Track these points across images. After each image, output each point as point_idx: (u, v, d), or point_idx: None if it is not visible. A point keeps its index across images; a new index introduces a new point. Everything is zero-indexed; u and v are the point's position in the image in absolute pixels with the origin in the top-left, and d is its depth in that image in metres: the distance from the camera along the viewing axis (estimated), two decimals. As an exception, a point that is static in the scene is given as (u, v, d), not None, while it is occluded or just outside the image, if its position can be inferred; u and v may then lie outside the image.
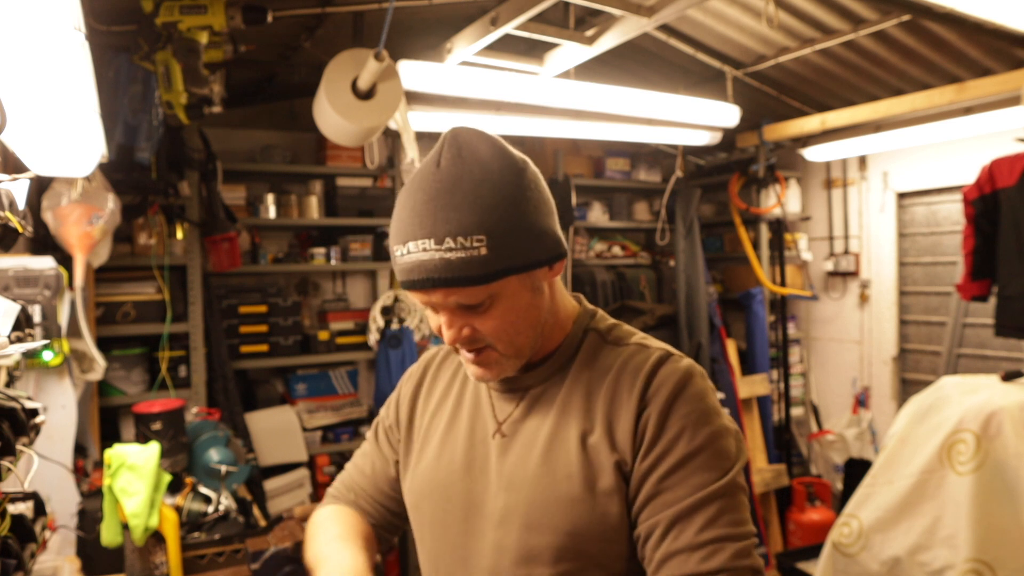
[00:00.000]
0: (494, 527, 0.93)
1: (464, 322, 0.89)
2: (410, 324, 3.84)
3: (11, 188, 1.10)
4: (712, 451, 0.86)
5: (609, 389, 0.92)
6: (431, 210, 0.84)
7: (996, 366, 3.58)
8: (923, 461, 2.47)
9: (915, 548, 2.44)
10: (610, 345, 0.97)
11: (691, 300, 4.41)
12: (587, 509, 0.87)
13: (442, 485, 0.99)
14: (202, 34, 2.25)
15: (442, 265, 0.83)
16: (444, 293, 0.85)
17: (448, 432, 1.03)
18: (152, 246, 3.22)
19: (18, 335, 1.18)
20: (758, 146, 4.25)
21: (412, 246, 0.84)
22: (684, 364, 0.92)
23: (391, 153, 3.88)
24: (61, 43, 1.02)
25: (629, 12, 2.59)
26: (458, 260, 0.82)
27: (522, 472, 0.92)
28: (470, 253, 0.82)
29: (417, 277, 0.85)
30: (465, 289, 0.85)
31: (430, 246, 0.83)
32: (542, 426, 0.94)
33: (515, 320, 0.90)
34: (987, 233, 3.03)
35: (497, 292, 0.87)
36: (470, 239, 0.82)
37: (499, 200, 0.84)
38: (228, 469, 2.41)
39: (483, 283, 0.84)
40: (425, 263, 0.84)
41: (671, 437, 0.86)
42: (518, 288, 0.89)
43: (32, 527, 1.20)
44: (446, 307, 0.89)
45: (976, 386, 2.55)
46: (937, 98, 3.31)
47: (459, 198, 0.83)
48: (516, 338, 0.91)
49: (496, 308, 0.88)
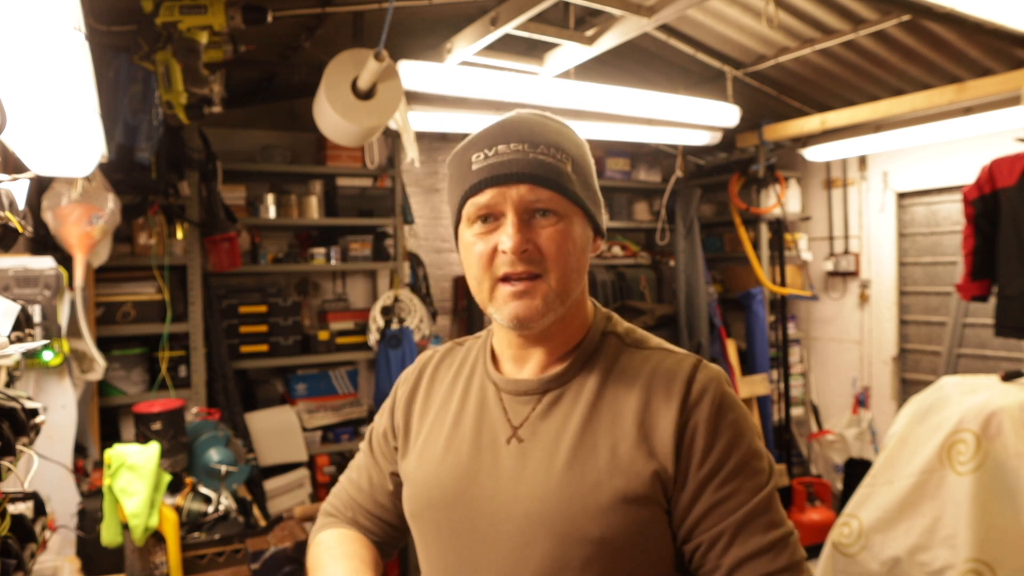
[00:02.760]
0: (512, 536, 0.88)
1: (529, 234, 0.88)
2: (410, 324, 3.83)
3: (11, 188, 1.10)
4: (756, 454, 0.89)
5: (642, 395, 0.89)
6: (526, 127, 0.91)
7: (996, 366, 3.58)
8: (923, 461, 2.47)
9: (915, 548, 2.44)
10: (631, 348, 0.95)
11: (691, 300, 4.41)
12: (619, 518, 0.85)
13: (448, 493, 0.95)
14: (202, 34, 2.25)
15: (535, 163, 0.87)
16: (531, 190, 0.87)
17: (452, 437, 0.98)
18: (152, 246, 3.22)
19: (18, 335, 1.18)
20: (758, 146, 4.25)
21: (503, 147, 0.88)
22: (717, 370, 0.92)
23: (391, 153, 3.88)
24: (61, 43, 1.02)
25: (629, 12, 2.59)
26: (551, 164, 0.88)
27: (545, 479, 0.88)
28: (561, 164, 0.89)
29: (508, 171, 0.87)
30: (550, 192, 0.88)
31: (524, 148, 0.88)
32: (564, 431, 0.90)
33: (573, 251, 0.90)
34: (987, 233, 3.03)
35: (569, 215, 0.90)
36: (561, 152, 0.89)
37: (577, 145, 0.93)
38: (228, 469, 2.41)
39: (567, 195, 0.89)
40: (518, 160, 0.87)
41: (724, 446, 0.87)
42: (581, 226, 0.92)
43: (32, 527, 1.20)
44: (523, 210, 0.88)
45: (976, 386, 2.55)
46: (937, 98, 3.31)
47: (547, 126, 0.92)
48: (568, 274, 0.89)
49: (564, 229, 0.89)
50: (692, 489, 0.86)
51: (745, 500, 0.86)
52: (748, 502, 0.86)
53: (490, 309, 0.92)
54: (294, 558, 2.07)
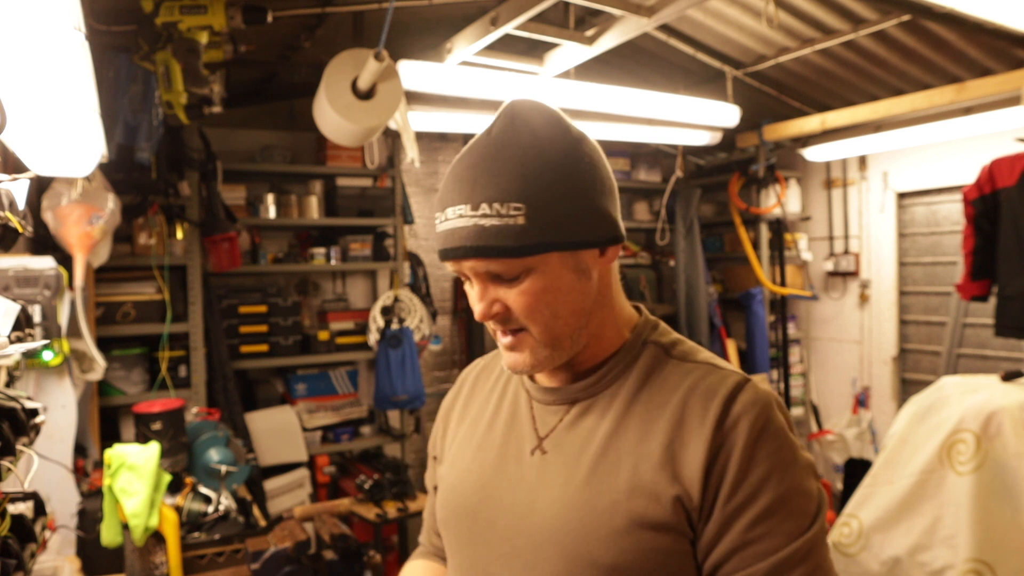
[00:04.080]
0: (525, 552, 0.84)
1: (496, 296, 0.82)
2: (410, 324, 3.83)
3: (11, 188, 1.10)
4: (801, 493, 0.79)
5: (675, 412, 0.82)
6: (472, 176, 0.80)
7: (996, 366, 3.58)
8: (923, 461, 2.47)
9: (915, 548, 2.44)
10: (675, 360, 0.87)
11: (691, 300, 4.41)
12: (633, 544, 0.78)
13: (470, 501, 0.91)
14: (202, 34, 2.25)
15: (475, 232, 0.78)
16: (475, 263, 0.80)
17: (481, 444, 0.94)
18: (152, 246, 3.22)
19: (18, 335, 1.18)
20: (758, 146, 4.25)
21: (450, 212, 0.80)
22: (763, 393, 0.82)
23: (391, 153, 3.88)
24: (61, 43, 1.02)
25: (629, 12, 2.59)
26: (492, 228, 0.77)
27: (560, 495, 0.83)
28: (505, 221, 0.77)
29: (450, 245, 0.80)
30: (498, 260, 0.79)
31: (466, 212, 0.78)
32: (588, 444, 0.84)
33: (552, 302, 0.81)
34: (987, 233, 3.03)
35: (534, 267, 0.80)
36: (507, 206, 0.77)
37: (544, 169, 0.79)
38: (228, 469, 2.41)
39: (517, 255, 0.78)
40: (459, 230, 0.79)
41: (758, 480, 0.77)
42: (559, 267, 0.81)
43: (32, 527, 1.20)
44: (479, 278, 0.83)
45: (976, 386, 2.55)
46: (937, 98, 3.31)
47: (500, 164, 0.79)
48: (553, 323, 0.82)
49: (532, 285, 0.81)
50: (718, 524, 0.78)
51: (779, 545, 0.76)
52: (782, 548, 0.76)
53: None
54: (294, 558, 2.07)
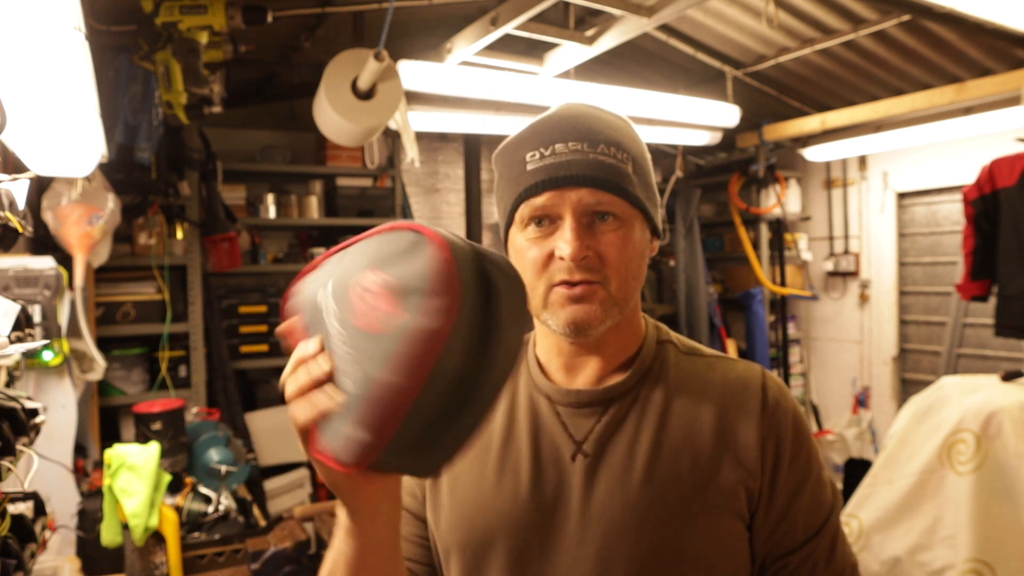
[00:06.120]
0: (588, 559, 0.82)
1: (589, 240, 0.82)
2: (410, 324, 3.83)
3: (11, 188, 1.10)
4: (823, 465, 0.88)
5: (715, 402, 0.85)
6: (584, 122, 0.84)
7: (996, 366, 3.58)
8: (923, 461, 2.47)
9: (915, 548, 2.44)
10: (689, 356, 0.91)
11: (691, 300, 4.41)
12: (707, 531, 0.81)
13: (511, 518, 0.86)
14: (202, 34, 2.25)
15: (596, 164, 0.81)
16: (591, 193, 0.81)
17: (505, 458, 0.89)
18: (152, 246, 3.22)
19: (18, 335, 1.18)
20: (758, 146, 4.25)
21: (560, 146, 0.82)
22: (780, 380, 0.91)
23: (391, 153, 3.88)
24: (61, 43, 1.02)
25: (629, 12, 2.59)
26: (611, 166, 0.82)
27: (623, 495, 0.83)
28: (622, 165, 0.83)
29: (567, 173, 0.81)
30: (612, 196, 0.82)
31: (583, 148, 0.82)
32: (637, 443, 0.84)
33: (634, 258, 0.84)
34: (987, 233, 3.03)
35: (629, 219, 0.83)
36: (621, 152, 0.83)
37: (635, 140, 0.87)
38: (228, 469, 2.41)
39: (628, 199, 0.83)
40: (578, 160, 0.81)
41: (806, 456, 0.85)
42: (641, 231, 0.85)
43: (32, 527, 1.20)
44: (583, 214, 0.82)
45: (976, 386, 2.55)
46: (937, 98, 3.31)
47: (607, 120, 0.86)
48: (628, 281, 0.84)
49: (625, 235, 0.83)
50: (781, 504, 0.84)
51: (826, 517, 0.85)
52: (829, 519, 0.85)
53: (544, 315, 0.85)
54: (294, 558, 2.07)
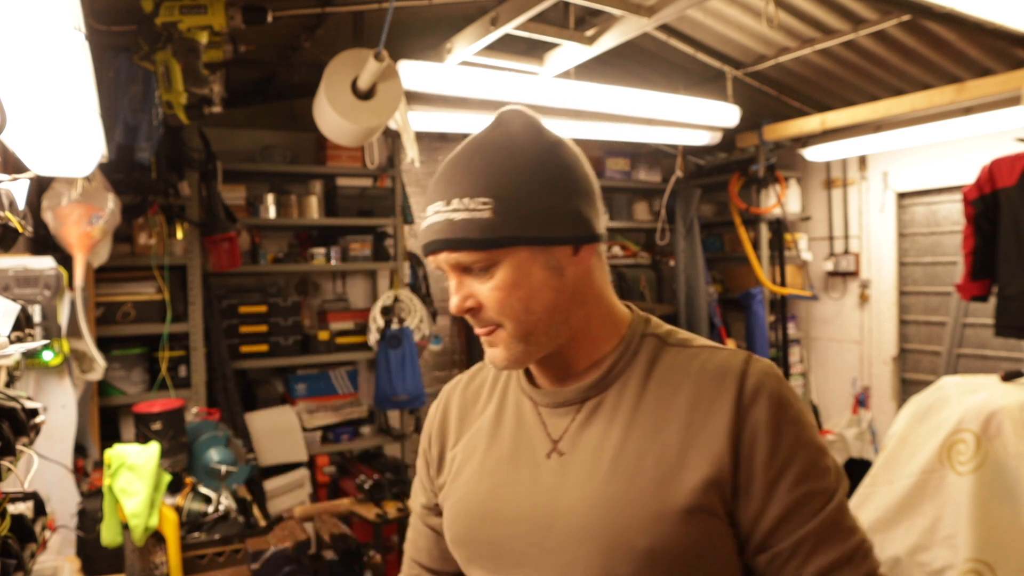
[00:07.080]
0: (555, 553, 0.84)
1: (470, 291, 0.86)
2: (410, 324, 3.83)
3: (11, 188, 1.10)
4: (821, 451, 0.84)
5: (688, 396, 0.84)
6: (449, 175, 0.85)
7: (996, 366, 3.58)
8: (923, 461, 2.47)
9: (915, 548, 2.44)
10: (674, 348, 0.90)
11: (691, 300, 4.41)
12: (669, 529, 0.80)
13: (486, 512, 0.90)
14: (202, 34, 2.25)
15: (446, 226, 0.83)
16: (447, 255, 0.84)
17: (488, 456, 0.94)
18: (152, 246, 3.22)
19: (18, 335, 1.19)
20: (758, 146, 4.25)
21: (432, 208, 0.85)
22: (769, 363, 0.86)
23: (391, 153, 3.88)
24: (61, 43, 1.02)
25: (629, 12, 2.59)
26: (460, 221, 0.82)
27: (587, 491, 0.84)
28: (473, 214, 0.82)
29: (425, 239, 0.86)
30: (466, 252, 0.83)
31: (441, 208, 0.84)
32: (606, 439, 0.86)
33: (524, 297, 0.84)
34: (987, 233, 3.03)
35: (503, 260, 0.83)
36: (475, 201, 0.82)
37: (514, 166, 0.84)
38: (228, 469, 2.41)
39: (483, 248, 0.82)
40: (433, 225, 0.84)
41: (789, 445, 0.81)
42: (529, 262, 0.84)
43: (32, 527, 1.20)
44: (453, 272, 0.86)
45: (976, 386, 2.55)
46: (937, 98, 3.31)
47: (475, 163, 0.85)
48: (525, 318, 0.85)
49: (502, 279, 0.84)
50: (760, 495, 0.81)
51: (822, 504, 0.81)
52: (825, 506, 0.81)
53: None
54: (294, 558, 2.07)
